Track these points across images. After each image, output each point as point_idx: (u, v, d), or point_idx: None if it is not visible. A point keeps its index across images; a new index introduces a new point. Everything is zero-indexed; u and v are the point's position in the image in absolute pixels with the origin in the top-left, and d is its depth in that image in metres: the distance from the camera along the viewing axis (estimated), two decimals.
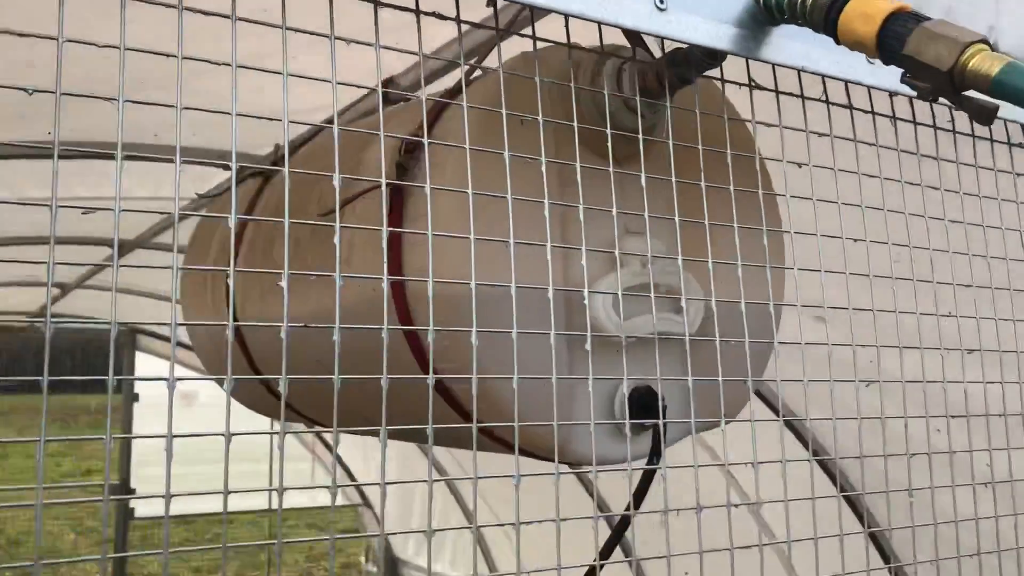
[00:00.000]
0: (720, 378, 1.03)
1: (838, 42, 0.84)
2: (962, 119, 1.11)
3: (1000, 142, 1.12)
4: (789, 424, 2.58)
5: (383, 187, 0.93)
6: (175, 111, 0.72)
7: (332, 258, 1.18)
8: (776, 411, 1.17)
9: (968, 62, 0.73)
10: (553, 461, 1.00)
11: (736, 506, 1.02)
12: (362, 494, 5.79)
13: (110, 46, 0.68)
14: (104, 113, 0.77)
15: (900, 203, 1.02)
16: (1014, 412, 1.17)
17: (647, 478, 1.04)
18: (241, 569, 8.38)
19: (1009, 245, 1.12)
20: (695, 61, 0.96)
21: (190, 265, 1.61)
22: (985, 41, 0.74)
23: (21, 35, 0.64)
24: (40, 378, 0.62)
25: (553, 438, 1.02)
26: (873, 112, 1.01)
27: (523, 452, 1.08)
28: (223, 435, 0.80)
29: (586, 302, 0.96)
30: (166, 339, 5.87)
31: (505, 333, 0.95)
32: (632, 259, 1.06)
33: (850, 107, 1.00)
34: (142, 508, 5.89)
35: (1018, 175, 1.14)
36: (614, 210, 0.99)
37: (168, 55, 0.71)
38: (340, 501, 5.95)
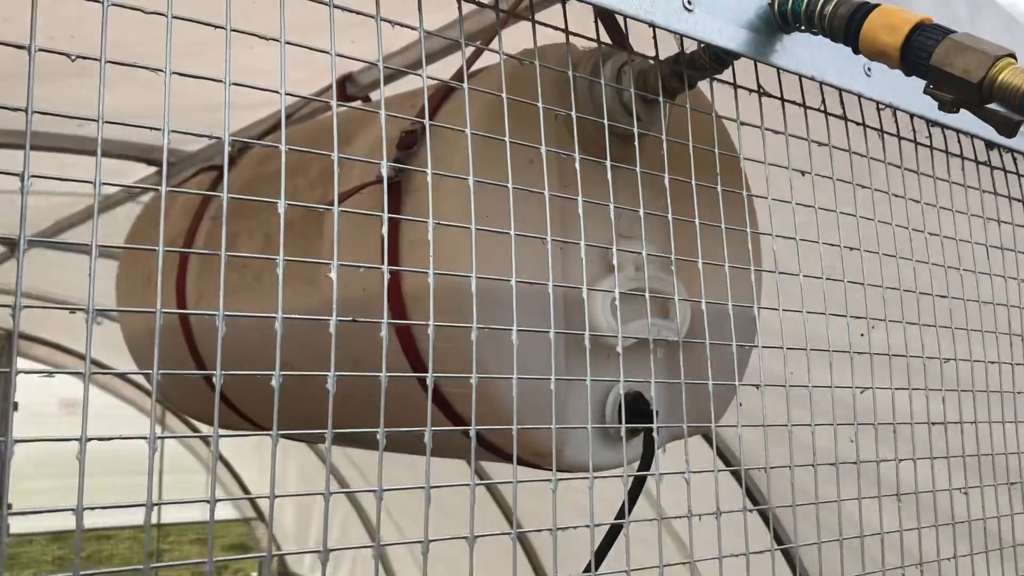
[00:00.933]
0: (710, 381, 1.03)
1: (857, 51, 0.85)
2: (937, 136, 1.15)
3: (969, 159, 1.17)
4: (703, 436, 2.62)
5: (384, 172, 0.89)
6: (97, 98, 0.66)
7: (312, 255, 1.12)
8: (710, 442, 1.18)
9: (999, 75, 0.75)
10: (549, 468, 0.97)
11: (638, 521, 1.00)
12: (256, 507, 5.60)
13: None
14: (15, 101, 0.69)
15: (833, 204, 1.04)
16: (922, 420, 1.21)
17: (638, 484, 1.03)
18: None
19: (935, 252, 1.15)
20: (700, 64, 0.96)
21: (126, 269, 1.50)
22: (1013, 56, 0.76)
23: None
24: None
25: (547, 444, 0.99)
26: (864, 124, 1.03)
27: (520, 461, 1.05)
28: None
29: (584, 297, 0.94)
30: (47, 344, 5.55)
31: (504, 337, 0.93)
32: (626, 264, 1.05)
33: (845, 118, 1.02)
34: (14, 524, 5.54)
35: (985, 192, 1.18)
36: (611, 205, 0.97)
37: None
38: (232, 515, 5.74)
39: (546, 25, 0.93)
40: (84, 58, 0.57)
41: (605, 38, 1.06)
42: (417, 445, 0.89)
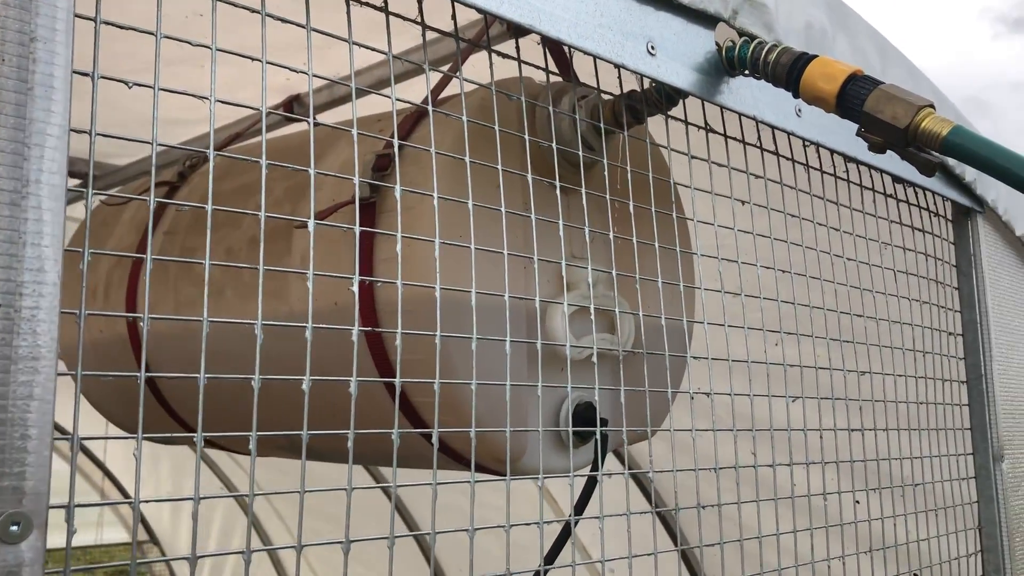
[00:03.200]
0: (671, 388, 1.12)
1: (796, 96, 0.96)
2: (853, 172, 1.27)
3: (878, 191, 1.29)
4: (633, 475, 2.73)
5: (357, 190, 0.94)
6: None
7: (271, 276, 1.16)
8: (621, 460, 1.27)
9: (921, 122, 0.87)
10: (502, 478, 1.04)
11: (548, 523, 1.06)
12: (149, 530, 5.43)
13: None
14: None
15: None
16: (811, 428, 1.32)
17: (589, 488, 1.11)
18: None
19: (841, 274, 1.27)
20: (652, 101, 1.06)
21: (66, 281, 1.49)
22: (932, 105, 0.88)
23: None
24: None
25: (505, 451, 1.06)
26: (793, 159, 1.14)
27: (482, 468, 1.11)
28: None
29: (537, 306, 1.02)
30: None
31: (467, 350, 0.99)
32: (580, 283, 1.13)
33: (777, 154, 1.12)
34: None
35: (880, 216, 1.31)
36: (560, 223, 1.05)
37: None
38: (121, 537, 5.55)
39: (503, 55, 0.99)
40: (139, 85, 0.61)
41: (555, 70, 1.14)
42: (385, 455, 0.94)
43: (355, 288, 1.04)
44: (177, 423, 1.34)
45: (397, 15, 0.89)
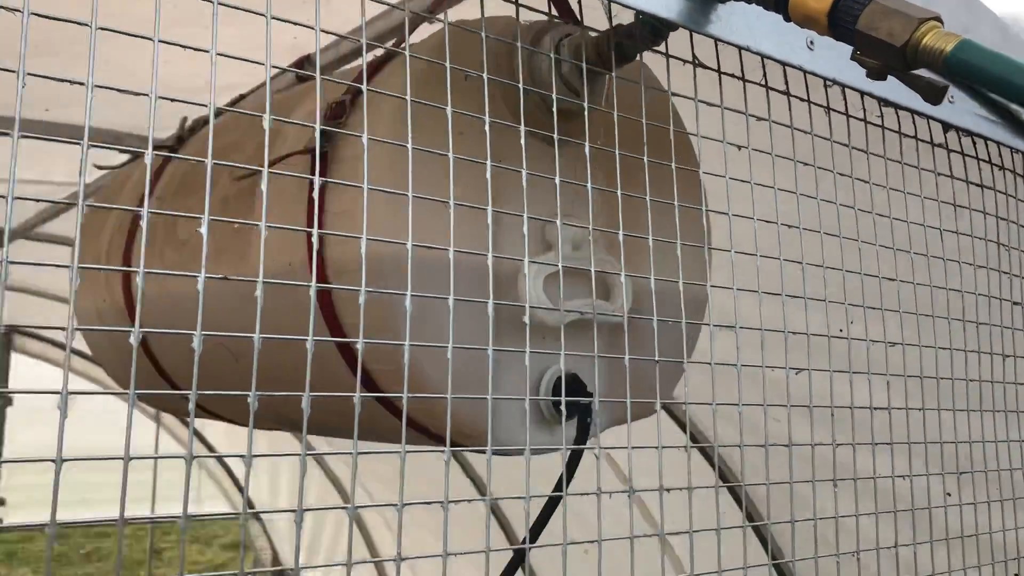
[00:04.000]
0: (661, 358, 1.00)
1: (787, 19, 0.82)
2: (890, 116, 1.12)
3: (924, 141, 1.13)
4: (698, 446, 2.59)
5: (318, 138, 0.86)
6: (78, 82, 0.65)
7: (236, 237, 1.10)
8: (683, 427, 1.16)
9: (922, 38, 0.72)
10: (482, 449, 0.95)
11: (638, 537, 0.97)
12: (249, 503, 5.58)
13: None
14: None
15: (832, 195, 1.01)
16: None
17: (573, 463, 1.00)
18: None
19: (919, 245, 1.12)
20: (639, 36, 0.94)
21: (81, 251, 1.49)
22: (939, 19, 0.73)
23: None
24: None
25: (472, 423, 0.97)
26: (809, 100, 1.00)
27: (452, 443, 1.03)
28: (121, 458, 0.72)
29: (526, 272, 0.92)
30: (46, 340, 5.55)
31: (428, 315, 0.90)
32: (563, 242, 1.02)
33: (787, 93, 0.99)
34: (10, 518, 5.54)
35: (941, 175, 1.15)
36: (557, 178, 0.95)
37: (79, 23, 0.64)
38: (226, 510, 5.72)
39: None
40: None
41: (554, 10, 1.04)
42: (346, 426, 0.87)
43: (315, 240, 0.97)
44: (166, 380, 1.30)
45: None
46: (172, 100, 0.78)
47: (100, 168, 1.56)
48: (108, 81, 0.69)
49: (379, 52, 1.14)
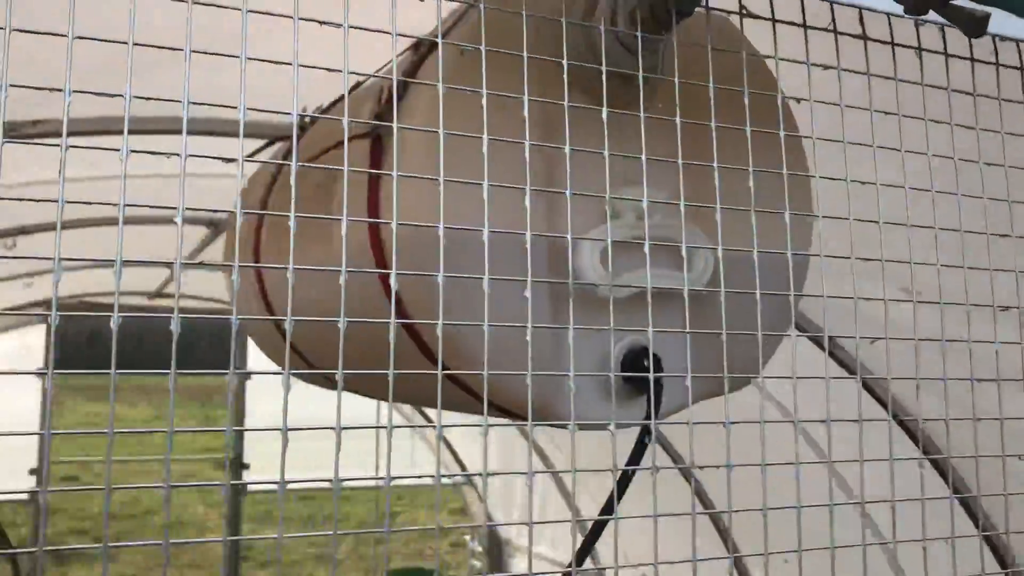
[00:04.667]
0: (761, 331, 0.95)
1: None
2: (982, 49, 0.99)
3: None
4: (899, 420, 2.43)
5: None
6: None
7: (320, 223, 1.16)
8: (885, 406, 1.10)
9: None
10: (564, 424, 0.95)
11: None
12: (465, 471, 5.84)
13: None
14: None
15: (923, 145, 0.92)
16: None
17: (639, 448, 0.98)
18: (356, 546, 8.60)
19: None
20: None
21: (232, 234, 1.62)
22: None
23: None
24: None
25: (532, 396, 0.96)
26: (893, 43, 0.91)
27: (509, 414, 1.03)
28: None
29: (569, 250, 0.90)
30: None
31: (479, 286, 0.91)
32: (626, 210, 0.99)
33: (864, 37, 0.90)
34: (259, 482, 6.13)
35: None
36: (606, 152, 0.93)
37: None
38: (444, 481, 6.03)
39: None
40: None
41: None
42: (409, 395, 0.89)
43: (396, 223, 1.00)
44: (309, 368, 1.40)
45: None
46: (258, 111, 0.84)
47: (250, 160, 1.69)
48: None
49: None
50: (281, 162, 1.13)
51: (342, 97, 1.47)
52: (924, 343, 0.96)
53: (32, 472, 5.84)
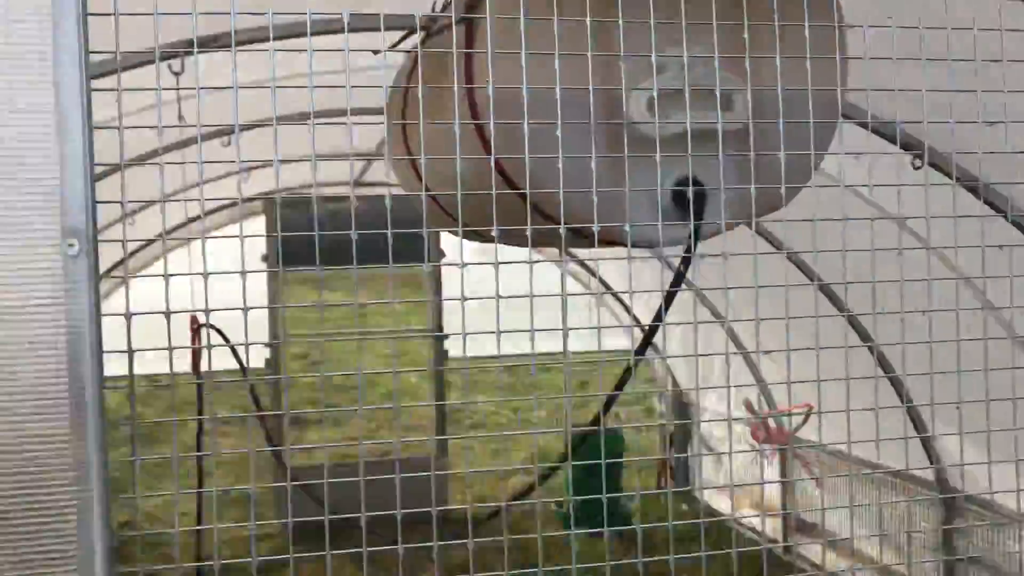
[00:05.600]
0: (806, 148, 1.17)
1: None
2: None
3: None
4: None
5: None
6: None
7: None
8: None
9: None
10: (615, 243, 1.21)
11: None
12: (647, 340, 6.13)
13: None
14: None
15: None
16: None
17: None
18: (554, 412, 9.14)
19: None
20: None
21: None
22: None
23: None
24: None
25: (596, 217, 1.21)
26: None
27: (587, 239, 1.30)
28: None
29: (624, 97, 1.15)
30: None
31: (553, 138, 1.17)
32: (671, 64, 1.20)
33: None
34: (455, 351, 6.70)
35: None
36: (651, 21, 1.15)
37: None
38: (627, 345, 6.35)
39: None
40: None
41: None
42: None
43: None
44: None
45: None
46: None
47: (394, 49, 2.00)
48: None
49: None
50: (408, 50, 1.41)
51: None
52: None
53: (267, 345, 6.64)
